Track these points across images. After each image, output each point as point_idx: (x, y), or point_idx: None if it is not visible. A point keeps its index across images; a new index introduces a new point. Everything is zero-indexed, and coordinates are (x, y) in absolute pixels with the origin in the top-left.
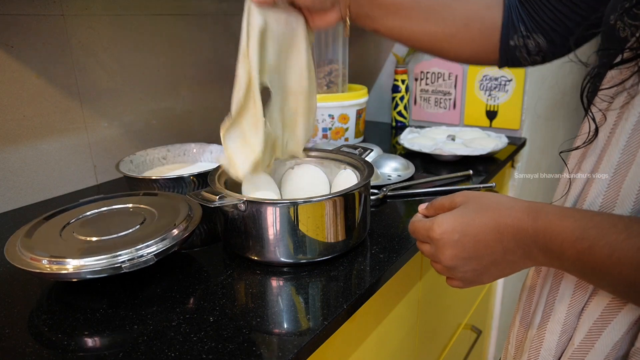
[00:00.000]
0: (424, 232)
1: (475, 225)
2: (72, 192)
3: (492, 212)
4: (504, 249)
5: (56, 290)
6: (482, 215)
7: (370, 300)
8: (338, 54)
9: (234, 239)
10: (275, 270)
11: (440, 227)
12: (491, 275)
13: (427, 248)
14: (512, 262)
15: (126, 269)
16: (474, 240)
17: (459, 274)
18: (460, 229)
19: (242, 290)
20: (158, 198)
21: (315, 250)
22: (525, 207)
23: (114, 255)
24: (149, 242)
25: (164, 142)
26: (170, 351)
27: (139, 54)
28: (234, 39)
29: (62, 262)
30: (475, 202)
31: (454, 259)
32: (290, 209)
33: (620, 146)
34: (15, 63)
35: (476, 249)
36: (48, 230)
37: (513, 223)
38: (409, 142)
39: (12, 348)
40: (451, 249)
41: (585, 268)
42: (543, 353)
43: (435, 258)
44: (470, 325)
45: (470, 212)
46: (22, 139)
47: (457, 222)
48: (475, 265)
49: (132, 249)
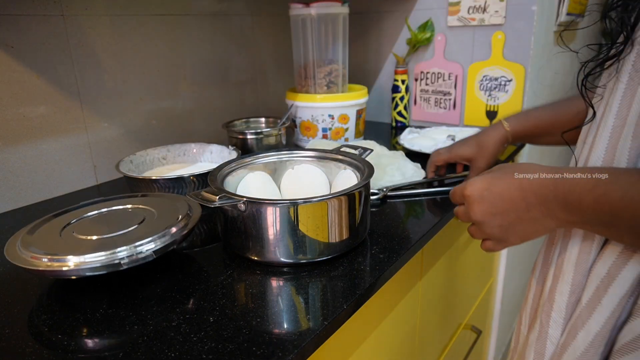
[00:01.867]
0: (459, 192)
1: (502, 183)
2: (72, 192)
3: (515, 171)
4: (527, 205)
5: (56, 289)
6: (508, 175)
7: (370, 300)
8: (338, 54)
9: (234, 239)
10: (275, 271)
11: (471, 186)
12: (516, 233)
13: (461, 209)
14: (534, 219)
15: (125, 266)
16: (499, 196)
17: (487, 230)
18: (488, 187)
19: (242, 291)
20: (157, 198)
21: (315, 251)
22: (546, 168)
23: (112, 252)
24: (148, 239)
25: (164, 142)
26: (170, 351)
27: (139, 54)
28: (234, 39)
29: (61, 259)
30: (507, 166)
31: (482, 214)
32: (290, 209)
33: (613, 112)
34: (15, 63)
35: (501, 204)
36: (48, 230)
37: (534, 180)
38: (409, 142)
39: (12, 348)
40: (479, 205)
41: (602, 214)
42: (554, 316)
43: (467, 216)
44: (470, 325)
45: (499, 173)
46: (22, 139)
47: (486, 181)
48: (501, 221)
49: (130, 246)
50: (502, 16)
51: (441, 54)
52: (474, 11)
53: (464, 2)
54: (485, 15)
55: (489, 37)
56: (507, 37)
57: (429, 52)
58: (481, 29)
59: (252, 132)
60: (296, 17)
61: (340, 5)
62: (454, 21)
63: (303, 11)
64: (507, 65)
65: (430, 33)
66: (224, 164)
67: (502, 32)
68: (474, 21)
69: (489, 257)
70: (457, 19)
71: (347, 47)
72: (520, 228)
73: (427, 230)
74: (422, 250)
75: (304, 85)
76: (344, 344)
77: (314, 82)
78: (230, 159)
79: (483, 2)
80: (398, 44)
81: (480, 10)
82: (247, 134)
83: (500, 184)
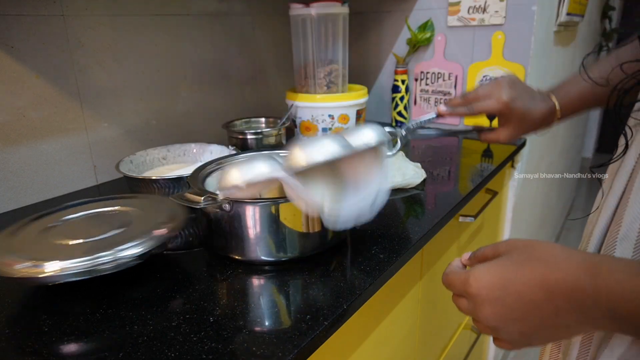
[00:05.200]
0: (460, 286)
1: (519, 280)
2: (72, 192)
3: (539, 264)
4: (556, 309)
5: (53, 291)
6: (527, 268)
7: (370, 300)
8: (338, 54)
9: (221, 239)
10: (275, 270)
11: (477, 282)
12: (543, 338)
13: (464, 304)
14: (566, 325)
15: (106, 272)
16: (517, 298)
17: (504, 336)
18: (501, 285)
19: (242, 291)
20: (143, 200)
21: (307, 246)
22: (581, 261)
23: (95, 257)
24: (131, 243)
25: (164, 142)
26: (170, 351)
27: (139, 54)
28: (234, 39)
29: (38, 265)
30: (521, 251)
31: (496, 319)
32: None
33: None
34: (15, 63)
35: (521, 309)
36: (29, 233)
37: (566, 279)
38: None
39: (11, 349)
40: (491, 307)
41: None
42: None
43: (475, 316)
44: (471, 325)
45: (513, 264)
46: (22, 139)
47: (498, 276)
48: (522, 327)
49: (113, 251)
50: (502, 16)
51: (441, 54)
52: (474, 11)
53: (464, 2)
54: (485, 15)
55: (489, 37)
56: (507, 37)
57: (429, 52)
58: (481, 29)
59: (252, 132)
60: (296, 17)
61: (340, 5)
62: (454, 21)
63: (303, 11)
64: (507, 65)
65: (430, 33)
66: (203, 165)
67: (502, 32)
68: (474, 21)
69: None
70: (457, 19)
71: (347, 47)
72: (546, 333)
73: (427, 230)
74: (422, 250)
75: (304, 85)
76: (344, 344)
77: (314, 82)
78: (209, 160)
79: (483, 2)
80: (398, 44)
81: (480, 10)
82: (247, 134)
83: (517, 282)
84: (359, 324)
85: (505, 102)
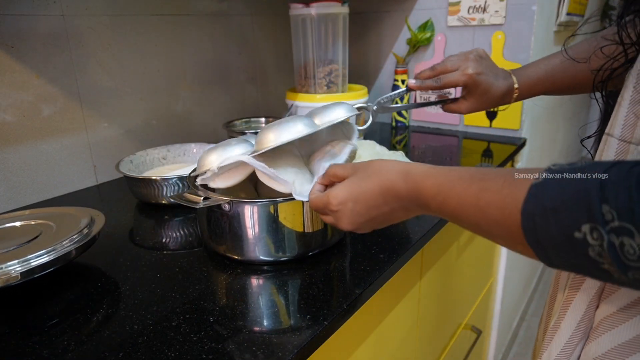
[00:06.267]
0: (323, 206)
1: (365, 192)
2: (72, 192)
3: (375, 177)
4: (390, 209)
5: (54, 289)
6: (369, 182)
7: (370, 300)
8: (338, 54)
9: (222, 239)
10: (275, 270)
11: (336, 199)
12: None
13: (329, 219)
14: (399, 217)
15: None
16: (366, 205)
17: (359, 232)
18: (353, 198)
19: (242, 291)
20: (58, 211)
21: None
22: (398, 170)
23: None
24: (38, 252)
25: (164, 142)
26: (170, 351)
27: (139, 54)
28: (234, 39)
29: None
30: (362, 170)
31: (353, 224)
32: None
33: (625, 105)
34: (15, 63)
35: (369, 212)
36: None
37: (392, 185)
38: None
39: (12, 348)
40: (348, 217)
41: (447, 217)
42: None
43: (338, 226)
44: (470, 325)
45: (359, 180)
46: (22, 139)
47: (350, 192)
48: (372, 225)
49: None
50: (502, 16)
51: (441, 54)
52: (474, 11)
53: (464, 2)
54: (485, 15)
55: (489, 37)
56: (507, 37)
57: (429, 52)
58: (481, 29)
59: (252, 132)
60: (296, 17)
61: (340, 5)
62: (454, 21)
63: (303, 11)
64: (507, 65)
65: (430, 33)
66: None
67: (502, 32)
68: (474, 21)
69: (489, 257)
70: (457, 19)
71: (347, 47)
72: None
73: (427, 230)
74: (422, 250)
75: (304, 85)
76: (344, 344)
77: (314, 82)
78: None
79: (483, 2)
80: (398, 44)
81: (480, 10)
82: (247, 133)
83: (364, 193)
84: (359, 324)
85: (470, 75)
